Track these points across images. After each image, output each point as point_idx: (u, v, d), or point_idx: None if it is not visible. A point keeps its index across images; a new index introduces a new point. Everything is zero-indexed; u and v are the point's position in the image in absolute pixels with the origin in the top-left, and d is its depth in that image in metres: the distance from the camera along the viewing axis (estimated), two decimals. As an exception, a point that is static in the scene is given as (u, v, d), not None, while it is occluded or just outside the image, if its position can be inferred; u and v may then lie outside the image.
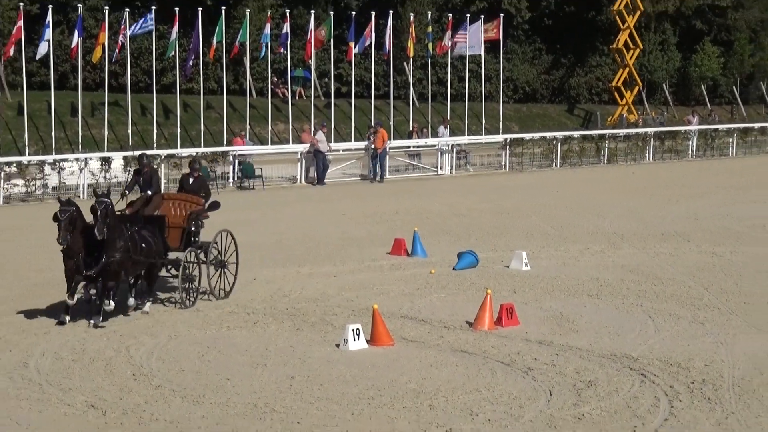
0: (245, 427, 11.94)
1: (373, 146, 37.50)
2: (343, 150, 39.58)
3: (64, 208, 15.64)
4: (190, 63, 41.19)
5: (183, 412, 12.46)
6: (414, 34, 44.93)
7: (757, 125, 52.63)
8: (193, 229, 17.97)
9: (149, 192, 18.15)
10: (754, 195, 33.26)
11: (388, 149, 38.16)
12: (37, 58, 38.43)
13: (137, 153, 26.30)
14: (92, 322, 15.99)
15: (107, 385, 13.56)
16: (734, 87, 61.49)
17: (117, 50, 39.62)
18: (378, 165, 37.59)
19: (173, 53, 40.75)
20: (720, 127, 51.10)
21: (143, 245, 16.65)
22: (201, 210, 18.16)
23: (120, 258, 16.02)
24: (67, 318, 15.99)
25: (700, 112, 57.13)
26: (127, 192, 18.39)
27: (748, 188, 35.19)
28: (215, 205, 18.45)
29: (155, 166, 20.61)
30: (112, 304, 16.07)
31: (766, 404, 12.78)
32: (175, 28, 39.83)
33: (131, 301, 16.88)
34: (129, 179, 19.71)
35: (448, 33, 45.34)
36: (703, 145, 47.98)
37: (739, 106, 61.00)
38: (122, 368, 14.25)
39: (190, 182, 18.69)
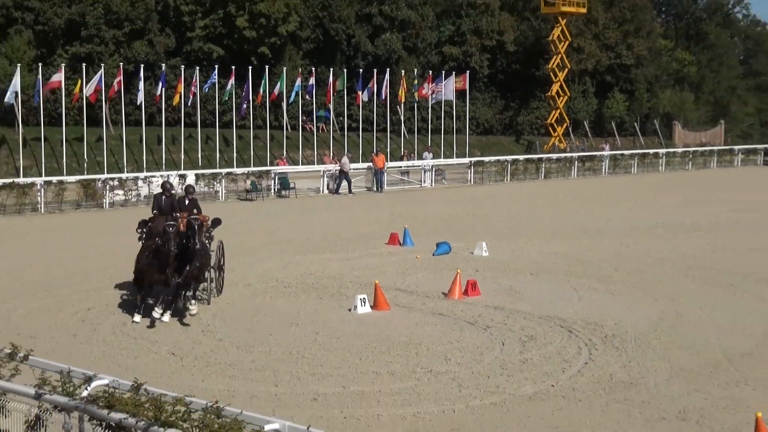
0: (283, 369, 11.99)
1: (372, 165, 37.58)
2: (354, 169, 39.48)
3: (171, 222, 14.32)
4: (244, 106, 41.29)
5: (238, 358, 12.51)
6: (404, 85, 44.89)
7: (651, 151, 52.62)
8: (205, 240, 16.11)
9: (174, 214, 15.22)
10: (652, 202, 33.26)
11: (386, 168, 38.12)
12: (138, 103, 38.54)
13: (162, 178, 24.52)
14: (159, 318, 14.28)
15: (183, 338, 13.61)
16: (635, 123, 61.39)
17: (191, 97, 39.60)
18: (379, 180, 37.57)
19: (227, 98, 40.86)
20: (625, 152, 51.04)
21: (210, 253, 15.53)
22: (208, 225, 16.16)
23: (201, 264, 14.83)
24: (139, 317, 14.40)
25: (611, 142, 57.20)
26: (155, 212, 15.67)
27: (647, 197, 35.19)
28: (217, 222, 16.20)
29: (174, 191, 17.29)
30: (196, 306, 14.82)
31: (658, 352, 12.85)
32: (232, 80, 39.87)
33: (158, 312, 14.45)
34: (152, 201, 16.60)
35: (429, 85, 45.27)
36: (613, 166, 47.92)
37: (639, 137, 60.91)
38: (194, 326, 14.29)
39: (186, 203, 15.87)
